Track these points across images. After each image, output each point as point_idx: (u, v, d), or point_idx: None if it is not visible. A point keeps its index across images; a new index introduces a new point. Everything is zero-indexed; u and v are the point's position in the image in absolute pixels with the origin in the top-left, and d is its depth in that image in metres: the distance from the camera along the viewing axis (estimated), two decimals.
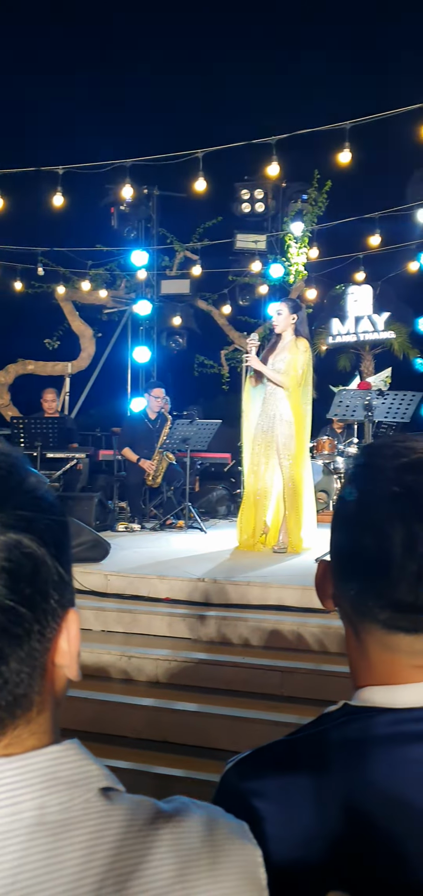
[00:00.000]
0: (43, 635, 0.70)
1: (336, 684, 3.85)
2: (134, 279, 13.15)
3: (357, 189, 12.35)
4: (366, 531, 0.88)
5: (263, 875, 0.72)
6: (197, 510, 8.43)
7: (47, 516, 0.71)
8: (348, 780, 0.85)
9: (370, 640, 0.92)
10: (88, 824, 0.66)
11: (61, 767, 0.68)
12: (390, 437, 0.96)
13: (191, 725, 3.79)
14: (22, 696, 0.68)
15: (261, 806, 0.86)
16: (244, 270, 12.85)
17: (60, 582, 0.72)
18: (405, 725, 0.86)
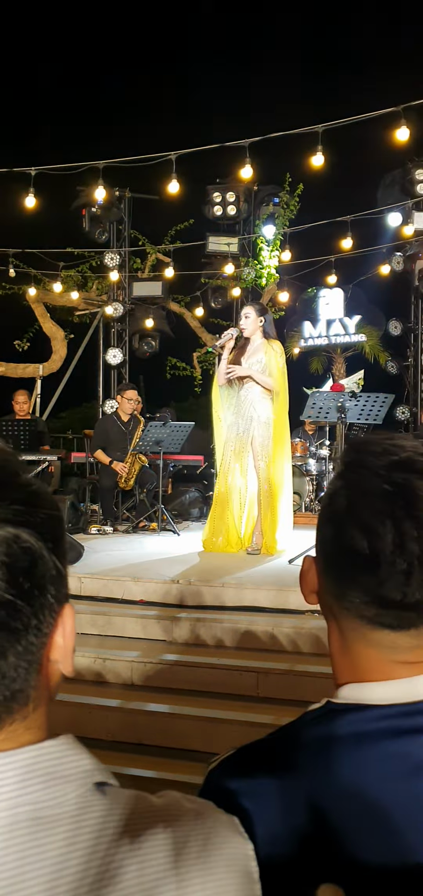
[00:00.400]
0: (40, 630, 0.70)
1: (311, 684, 3.88)
2: (106, 281, 13.11)
3: (329, 192, 12.46)
4: (355, 528, 0.88)
5: (255, 868, 0.73)
6: (170, 512, 8.42)
7: (43, 511, 0.71)
8: (331, 778, 0.85)
9: (353, 636, 0.92)
10: (83, 819, 0.65)
11: (56, 762, 0.67)
12: (375, 435, 0.96)
13: (166, 727, 3.79)
14: (18, 692, 0.68)
15: (245, 804, 0.86)
16: (217, 273, 12.87)
17: (58, 576, 0.72)
18: (388, 721, 0.86)
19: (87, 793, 0.67)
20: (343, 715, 0.89)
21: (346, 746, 0.86)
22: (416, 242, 11.83)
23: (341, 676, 0.95)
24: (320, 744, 0.88)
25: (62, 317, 13.63)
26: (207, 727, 3.73)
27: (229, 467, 6.70)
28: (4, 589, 0.65)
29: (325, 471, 10.55)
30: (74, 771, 0.68)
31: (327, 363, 13.98)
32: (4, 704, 0.67)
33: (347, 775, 0.84)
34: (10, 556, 0.66)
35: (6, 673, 0.66)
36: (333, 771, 0.85)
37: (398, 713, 0.87)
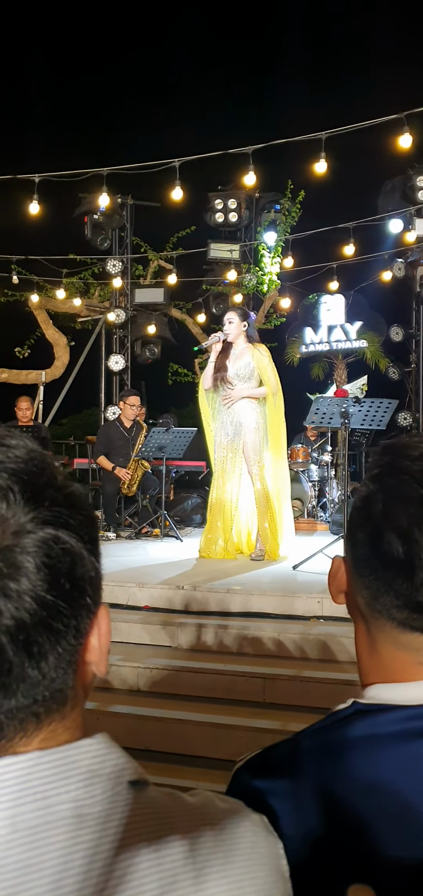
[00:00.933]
0: (79, 631, 0.70)
1: (318, 690, 3.88)
2: (108, 288, 13.13)
3: (330, 199, 12.48)
4: (392, 533, 0.88)
5: (285, 866, 0.74)
6: (172, 519, 8.42)
7: (82, 512, 0.72)
8: (358, 778, 0.85)
9: (382, 638, 0.93)
10: (117, 816, 0.66)
11: (94, 761, 0.68)
12: (411, 436, 0.96)
13: (172, 733, 3.78)
14: (58, 692, 0.69)
15: (273, 804, 0.86)
16: (218, 279, 12.89)
17: (95, 577, 0.73)
18: (415, 722, 0.87)
19: (122, 791, 0.68)
20: (372, 715, 0.89)
21: (376, 746, 0.86)
22: (417, 249, 11.85)
23: (368, 677, 0.96)
24: (350, 744, 0.88)
25: (64, 323, 13.65)
26: (214, 733, 3.73)
27: (222, 474, 6.70)
28: (46, 590, 0.66)
29: (327, 477, 10.55)
30: (112, 769, 0.69)
31: (328, 369, 13.99)
32: (44, 704, 0.68)
33: (378, 775, 0.85)
34: (51, 558, 0.67)
35: (47, 674, 0.67)
36: (363, 771, 0.85)
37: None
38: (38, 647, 0.66)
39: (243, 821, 0.73)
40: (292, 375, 13.77)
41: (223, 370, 6.61)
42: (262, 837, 0.73)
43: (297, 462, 10.45)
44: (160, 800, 0.71)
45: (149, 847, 0.65)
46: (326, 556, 5.81)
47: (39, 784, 0.65)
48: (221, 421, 6.68)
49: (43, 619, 0.66)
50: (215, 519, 6.73)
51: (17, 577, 0.65)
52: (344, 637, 4.24)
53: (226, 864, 0.68)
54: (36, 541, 0.66)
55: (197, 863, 0.67)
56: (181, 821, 0.70)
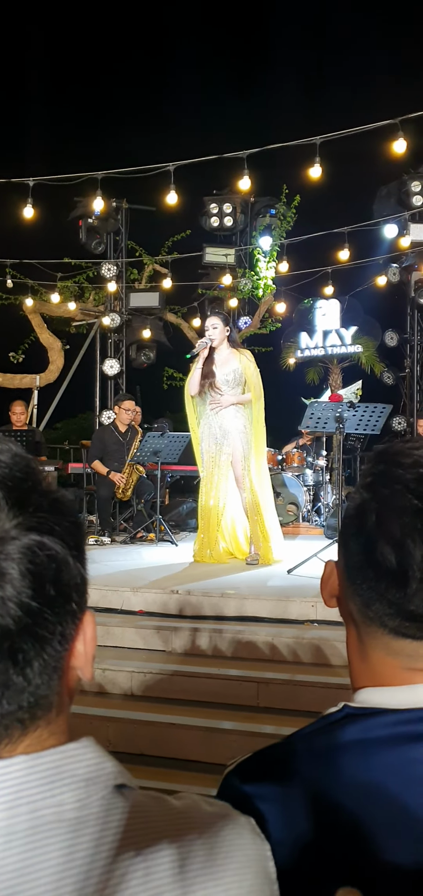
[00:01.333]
0: (64, 637, 0.70)
1: (311, 694, 3.88)
2: (103, 292, 13.13)
3: (325, 204, 12.51)
4: (385, 544, 0.87)
5: (272, 868, 0.74)
6: (167, 523, 8.41)
7: (67, 518, 0.71)
8: (348, 782, 0.85)
9: (373, 644, 0.92)
10: (105, 820, 0.66)
11: (79, 765, 0.68)
12: (404, 442, 0.95)
13: (166, 738, 3.78)
14: (43, 698, 0.69)
15: (262, 808, 0.86)
16: (214, 284, 12.90)
17: (81, 583, 0.73)
18: (405, 726, 0.86)
19: (108, 795, 0.68)
20: (362, 719, 0.89)
21: (366, 750, 0.86)
22: (412, 254, 11.87)
23: (359, 681, 0.95)
24: (340, 748, 0.88)
25: (59, 327, 13.64)
26: (208, 737, 3.72)
27: (210, 480, 6.70)
28: (31, 597, 0.65)
29: (321, 481, 10.57)
30: (97, 773, 0.68)
31: (323, 374, 14.03)
32: (29, 710, 0.68)
33: (367, 779, 0.84)
34: (35, 564, 0.66)
35: (32, 680, 0.67)
36: (353, 775, 0.85)
37: (418, 718, 0.87)
38: (22, 653, 0.66)
39: (228, 824, 0.73)
40: (288, 380, 13.82)
41: (211, 376, 6.61)
42: (248, 840, 0.73)
43: (292, 466, 10.47)
44: (146, 804, 0.71)
45: (131, 853, 0.65)
46: (320, 560, 5.81)
47: (33, 788, 0.65)
48: (208, 427, 6.67)
49: (28, 626, 0.66)
50: (204, 524, 6.73)
51: (2, 583, 0.65)
52: (338, 641, 4.24)
53: (211, 867, 0.68)
54: (20, 547, 0.66)
55: (183, 867, 0.66)
56: (167, 825, 0.69)
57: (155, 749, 3.73)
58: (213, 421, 6.63)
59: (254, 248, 12.86)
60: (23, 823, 0.63)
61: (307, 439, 11.12)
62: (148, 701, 4.09)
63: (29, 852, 0.62)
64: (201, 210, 12.64)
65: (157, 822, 0.69)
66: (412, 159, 10.58)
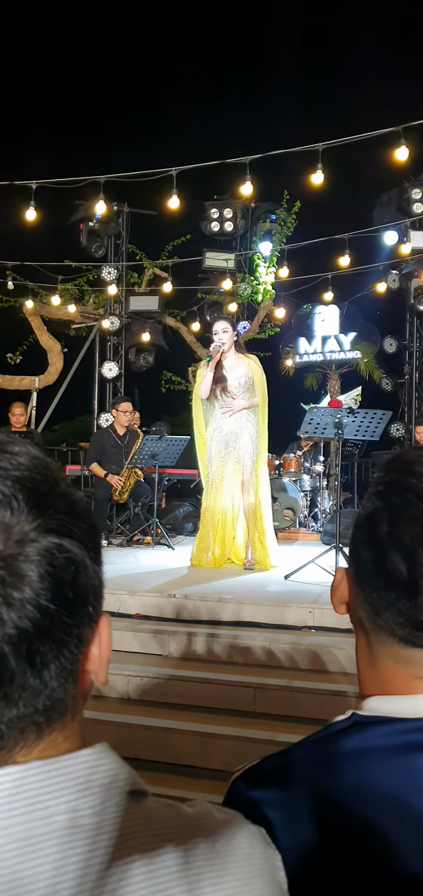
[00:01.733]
0: (80, 640, 0.70)
1: (308, 701, 3.87)
2: (103, 295, 13.14)
3: (325, 210, 12.52)
4: (395, 553, 0.87)
5: (283, 878, 0.74)
6: (164, 527, 8.41)
7: (85, 520, 0.71)
8: (354, 790, 0.85)
9: (383, 652, 0.92)
10: (119, 827, 0.66)
11: (94, 771, 0.68)
12: (416, 450, 0.95)
13: (162, 742, 3.77)
14: (59, 702, 0.68)
15: (271, 816, 0.86)
16: (213, 288, 12.91)
17: (99, 586, 0.72)
18: (413, 735, 0.86)
19: (122, 801, 0.67)
20: (371, 728, 0.89)
21: (372, 759, 0.86)
22: (412, 261, 11.90)
23: (367, 688, 0.95)
24: (346, 756, 0.88)
25: (59, 330, 13.66)
26: (204, 742, 3.72)
27: (217, 483, 6.71)
28: (49, 599, 0.65)
29: (319, 487, 10.57)
30: (111, 779, 0.68)
31: (321, 379, 14.03)
32: (45, 714, 0.68)
33: (373, 788, 0.84)
34: (54, 567, 0.66)
35: (48, 683, 0.67)
36: (359, 783, 0.85)
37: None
38: (40, 656, 0.66)
39: (240, 832, 0.72)
40: (286, 385, 13.82)
41: (223, 381, 6.63)
42: (259, 849, 0.73)
43: (290, 472, 10.47)
44: (159, 810, 0.70)
45: (143, 859, 0.65)
46: (317, 566, 5.81)
47: (33, 793, 0.64)
48: (218, 430, 6.68)
49: (45, 629, 0.65)
50: (207, 528, 6.73)
51: (21, 585, 0.64)
52: (335, 647, 4.24)
53: (221, 875, 0.67)
54: (39, 549, 0.66)
55: (190, 875, 0.66)
56: (178, 832, 0.69)
57: (151, 753, 3.72)
58: (223, 425, 6.64)
59: (254, 254, 12.88)
60: (39, 829, 0.63)
61: (306, 445, 11.12)
62: (144, 705, 4.08)
63: (27, 856, 0.62)
64: (202, 215, 12.66)
65: (167, 830, 0.69)
66: (413, 167, 10.60)
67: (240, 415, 6.62)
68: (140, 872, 0.64)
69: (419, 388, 12.62)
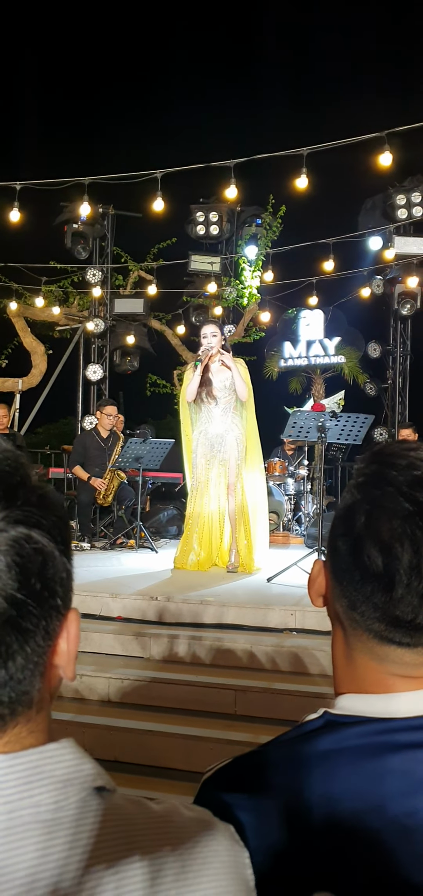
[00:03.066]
0: (47, 633, 0.70)
1: (289, 703, 3.87)
2: (87, 297, 13.12)
3: (311, 215, 12.58)
4: (372, 545, 0.86)
5: (251, 876, 0.73)
6: (147, 530, 8.39)
7: (54, 513, 0.71)
8: (322, 792, 0.84)
9: (359, 647, 0.91)
10: (81, 823, 0.65)
11: (57, 765, 0.67)
12: (399, 443, 0.93)
13: (143, 745, 3.76)
14: (24, 694, 0.68)
15: (241, 817, 0.85)
16: (198, 291, 12.92)
17: (67, 579, 0.72)
18: (385, 736, 0.86)
19: (87, 797, 0.67)
20: (343, 728, 0.88)
21: (346, 760, 0.85)
22: (396, 266, 11.96)
23: (342, 685, 0.95)
24: (315, 758, 0.87)
25: (43, 332, 13.61)
26: (185, 744, 3.71)
27: (202, 486, 6.70)
28: (17, 589, 0.65)
29: (303, 490, 10.59)
30: (76, 775, 0.68)
31: (306, 384, 14.07)
32: (10, 706, 0.67)
33: (347, 790, 0.83)
34: (22, 557, 0.66)
35: (14, 675, 0.66)
36: (327, 785, 0.84)
37: (401, 727, 0.86)
38: (6, 646, 0.65)
39: (207, 830, 0.72)
40: (271, 389, 13.84)
41: (208, 384, 6.63)
42: (227, 847, 0.72)
43: (274, 475, 10.48)
44: (125, 807, 0.70)
45: (108, 858, 0.64)
46: (300, 569, 5.83)
47: (10, 788, 0.64)
48: (204, 434, 6.68)
49: (12, 618, 0.65)
50: (191, 530, 6.72)
51: None
52: (317, 650, 4.25)
53: (187, 873, 0.67)
54: (7, 539, 0.66)
55: (159, 873, 0.65)
56: (145, 829, 0.69)
57: (132, 756, 3.71)
58: (209, 427, 6.64)
59: (239, 257, 12.90)
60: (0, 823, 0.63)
61: (290, 449, 11.14)
62: (125, 707, 4.07)
63: (4, 853, 0.62)
64: (188, 218, 12.67)
65: (135, 826, 0.68)
66: (398, 173, 10.68)
67: (226, 418, 6.61)
68: (103, 872, 0.63)
69: (402, 393, 12.69)
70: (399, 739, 0.85)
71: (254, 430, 6.87)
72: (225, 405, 6.63)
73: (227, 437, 6.59)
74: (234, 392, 6.64)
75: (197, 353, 6.81)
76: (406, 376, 12.79)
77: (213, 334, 6.68)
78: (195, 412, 6.81)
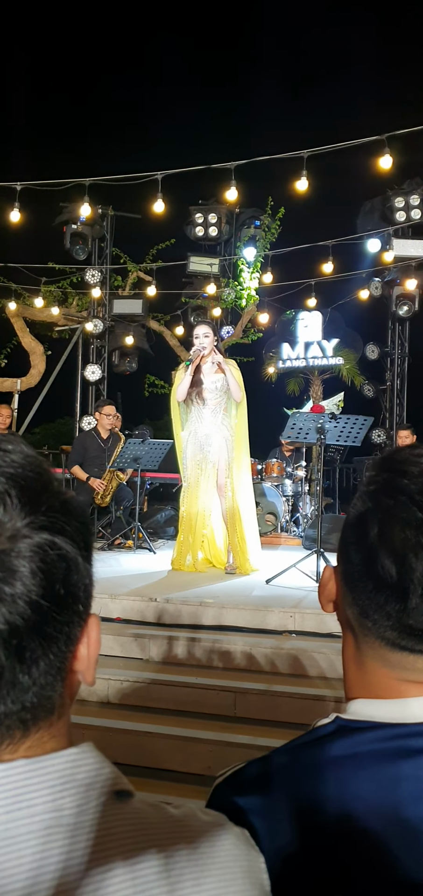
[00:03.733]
0: (69, 638, 0.70)
1: (288, 705, 3.88)
2: (86, 298, 13.12)
3: (309, 217, 12.59)
4: (385, 554, 0.86)
5: (267, 881, 0.74)
6: (145, 530, 8.39)
7: (77, 519, 0.72)
8: (333, 797, 0.84)
9: (371, 654, 0.91)
10: (101, 826, 0.66)
11: (79, 770, 0.68)
12: (411, 449, 0.92)
13: (142, 746, 3.76)
14: (46, 699, 0.69)
15: (255, 822, 0.85)
16: (197, 293, 12.93)
17: (89, 585, 0.73)
18: (398, 741, 0.86)
19: (108, 801, 0.68)
20: (356, 734, 0.88)
21: (356, 765, 0.85)
22: (394, 269, 11.98)
23: (353, 690, 0.95)
24: (333, 763, 0.87)
25: (41, 332, 13.61)
26: (184, 746, 3.71)
27: (194, 487, 6.70)
28: (41, 595, 0.66)
29: (301, 492, 10.59)
30: (97, 779, 0.68)
31: (304, 385, 14.08)
32: (32, 711, 0.68)
33: (360, 795, 0.84)
34: (46, 563, 0.66)
35: (37, 680, 0.67)
36: (342, 790, 0.84)
37: (414, 732, 0.86)
38: (29, 651, 0.66)
39: (224, 834, 0.73)
40: (269, 391, 13.87)
41: (199, 385, 6.61)
42: (243, 851, 0.73)
43: (272, 476, 10.48)
44: (144, 811, 0.70)
45: (124, 860, 0.65)
46: (299, 570, 5.83)
47: (15, 790, 0.65)
48: (193, 434, 6.66)
49: (36, 625, 0.66)
50: (186, 532, 6.73)
51: (12, 581, 0.65)
52: (316, 652, 4.25)
53: (203, 876, 0.67)
54: (32, 545, 0.66)
55: (172, 876, 0.66)
56: (162, 834, 0.69)
57: (131, 757, 3.71)
58: (198, 428, 6.62)
59: (238, 259, 12.91)
60: (19, 826, 0.63)
61: (288, 450, 11.15)
62: (125, 709, 4.07)
63: (24, 855, 0.62)
64: (187, 219, 12.68)
65: (154, 829, 0.69)
66: (397, 175, 10.69)
67: (215, 419, 6.59)
68: (122, 873, 0.64)
69: (399, 395, 12.71)
70: (413, 745, 0.85)
71: (245, 433, 6.85)
72: (215, 406, 6.60)
73: (216, 438, 6.58)
74: (224, 394, 6.61)
75: (189, 354, 6.80)
76: (404, 378, 12.82)
77: (205, 335, 6.63)
78: (185, 412, 6.78)
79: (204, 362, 6.64)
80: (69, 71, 18.26)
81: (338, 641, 3.37)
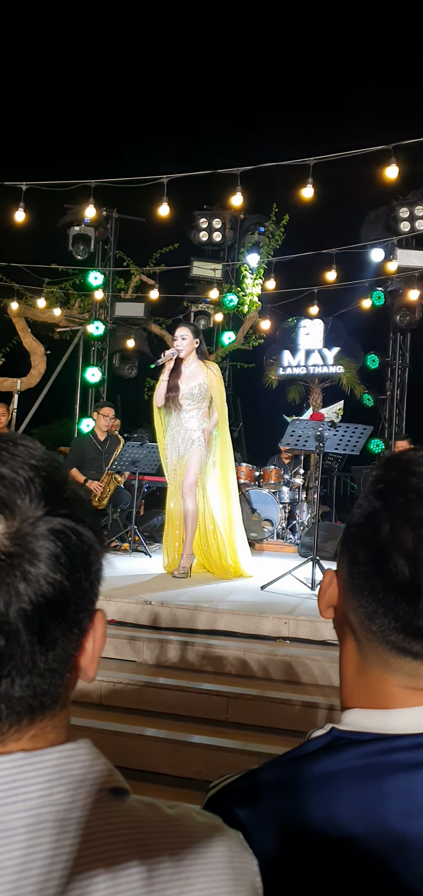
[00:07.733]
0: (81, 628, 0.72)
1: (281, 711, 3.87)
2: (88, 299, 13.12)
3: (313, 224, 12.59)
4: (398, 554, 0.84)
5: (260, 884, 0.74)
6: (141, 534, 8.38)
7: (91, 512, 0.74)
8: (326, 815, 0.83)
9: (373, 659, 0.90)
10: (94, 822, 0.66)
11: (73, 764, 0.68)
12: (415, 451, 0.92)
13: (134, 749, 3.75)
14: (55, 687, 0.70)
15: (247, 833, 0.83)
16: (200, 297, 12.94)
17: (101, 573, 0.75)
18: (386, 756, 0.85)
19: (102, 798, 0.68)
20: (349, 748, 0.87)
21: (347, 782, 0.84)
22: (397, 279, 11.99)
23: (350, 699, 0.93)
24: (320, 780, 0.86)
25: (43, 332, 13.60)
26: (175, 750, 3.70)
27: (173, 491, 6.68)
28: (65, 577, 0.68)
29: (298, 499, 10.59)
30: (88, 774, 0.69)
31: (304, 393, 14.09)
32: (41, 699, 0.69)
33: (347, 812, 0.83)
34: (69, 548, 0.69)
35: (51, 665, 0.69)
36: (334, 808, 0.83)
37: (401, 747, 0.85)
38: (50, 633, 0.68)
39: (218, 836, 0.73)
40: (269, 397, 13.87)
41: (175, 390, 6.51)
42: (238, 853, 0.73)
43: (269, 483, 10.49)
44: (139, 810, 0.71)
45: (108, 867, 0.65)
46: (294, 577, 5.82)
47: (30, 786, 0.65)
48: (172, 439, 6.61)
49: (58, 606, 0.68)
50: (169, 536, 6.75)
51: (37, 562, 0.67)
52: (309, 659, 4.25)
53: (191, 883, 0.67)
54: (55, 530, 0.69)
55: (157, 883, 0.66)
56: (157, 833, 0.69)
57: (122, 760, 3.69)
58: (176, 434, 6.58)
59: (241, 265, 12.92)
60: (20, 821, 0.63)
61: (286, 457, 11.15)
62: (117, 711, 4.06)
63: (11, 851, 0.62)
64: (191, 224, 12.70)
65: (148, 828, 0.69)
66: (402, 185, 10.70)
67: (193, 425, 6.50)
68: (103, 881, 0.64)
69: (399, 405, 12.72)
70: (399, 759, 0.84)
71: (226, 436, 6.79)
72: (192, 411, 6.52)
73: (194, 442, 6.50)
74: (203, 400, 6.52)
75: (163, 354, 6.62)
76: (405, 388, 12.83)
77: (182, 337, 6.53)
78: (167, 416, 6.74)
79: (183, 364, 6.56)
80: (75, 73, 18.29)
81: (332, 649, 3.39)
